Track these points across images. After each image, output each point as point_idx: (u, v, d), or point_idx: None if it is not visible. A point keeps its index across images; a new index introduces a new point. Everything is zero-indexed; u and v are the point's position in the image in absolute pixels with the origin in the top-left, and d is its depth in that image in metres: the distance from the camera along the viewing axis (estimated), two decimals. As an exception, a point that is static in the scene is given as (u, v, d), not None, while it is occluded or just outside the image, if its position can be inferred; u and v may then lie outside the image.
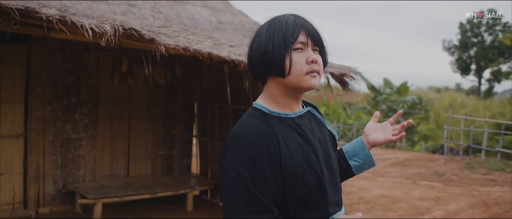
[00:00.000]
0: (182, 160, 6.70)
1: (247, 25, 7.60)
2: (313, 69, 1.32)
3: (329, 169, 1.38)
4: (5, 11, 2.74)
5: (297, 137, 1.33)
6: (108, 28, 2.99)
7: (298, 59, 1.31)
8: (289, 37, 1.30)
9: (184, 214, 5.72)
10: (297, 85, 1.33)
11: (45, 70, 5.34)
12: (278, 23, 1.33)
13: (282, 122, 1.33)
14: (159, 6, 6.61)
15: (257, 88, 5.36)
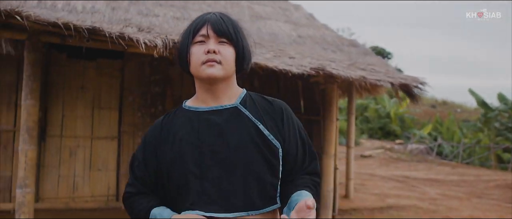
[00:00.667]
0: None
1: (329, 39, 7.72)
2: (209, 58, 1.38)
3: (219, 160, 1.37)
4: (78, 30, 3.36)
5: (189, 128, 1.41)
6: (159, 42, 3.47)
7: (196, 50, 1.40)
8: (192, 31, 1.42)
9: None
10: (197, 75, 1.42)
11: (136, 81, 6.10)
12: (192, 21, 1.47)
13: (186, 116, 1.44)
14: (241, 22, 7.06)
15: (329, 99, 5.45)
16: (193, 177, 1.36)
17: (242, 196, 1.36)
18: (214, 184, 1.35)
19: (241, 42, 1.47)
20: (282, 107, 1.50)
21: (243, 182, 1.36)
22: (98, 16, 5.76)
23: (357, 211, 6.89)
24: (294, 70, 4.06)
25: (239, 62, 1.48)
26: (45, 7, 5.70)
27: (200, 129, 1.40)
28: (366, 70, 4.82)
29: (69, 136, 5.82)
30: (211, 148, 1.37)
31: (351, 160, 7.70)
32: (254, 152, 1.38)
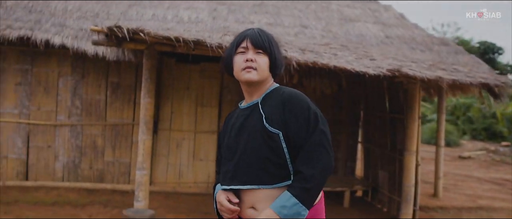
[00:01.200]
0: (347, 163, 7.41)
1: (419, 39, 7.83)
2: (247, 65, 1.76)
3: (236, 146, 1.80)
4: (186, 42, 4.11)
5: (230, 124, 1.89)
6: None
7: (237, 59, 1.79)
8: (235, 43, 1.82)
9: (339, 209, 6.43)
10: (239, 79, 1.82)
11: (233, 82, 6.80)
12: (237, 36, 1.85)
13: (238, 112, 1.89)
14: (330, 26, 7.51)
15: (411, 99, 5.66)
16: (225, 160, 1.84)
17: (253, 174, 1.73)
18: (235, 165, 1.78)
19: (274, 53, 1.81)
20: (285, 99, 1.77)
21: (253, 163, 1.74)
22: (201, 25, 6.59)
23: (443, 209, 6.96)
24: (371, 72, 4.44)
25: (272, 68, 1.82)
26: (158, 19, 6.67)
27: (235, 123, 1.84)
28: (446, 70, 4.99)
29: (176, 129, 6.73)
30: (236, 139, 1.80)
31: (440, 159, 7.73)
32: (259, 139, 1.74)
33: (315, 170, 1.69)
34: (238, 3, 7.58)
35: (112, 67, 6.36)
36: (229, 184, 1.79)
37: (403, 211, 5.58)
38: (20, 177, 6.38)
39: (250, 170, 1.74)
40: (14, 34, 5.69)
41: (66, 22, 6.25)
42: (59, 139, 6.42)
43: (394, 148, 6.22)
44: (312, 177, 1.68)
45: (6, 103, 6.29)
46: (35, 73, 6.32)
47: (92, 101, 6.44)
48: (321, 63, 4.41)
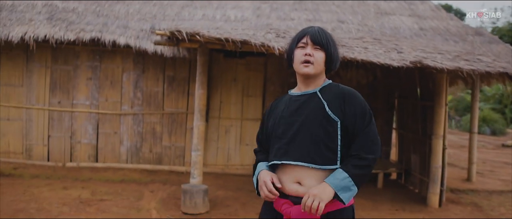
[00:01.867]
0: (382, 148, 7.94)
1: (454, 30, 8.20)
2: (305, 59, 1.96)
3: (289, 127, 1.97)
4: (234, 41, 4.84)
5: (284, 107, 2.06)
6: (276, 45, 4.78)
7: (297, 53, 2.00)
8: (296, 39, 2.02)
9: (373, 189, 7.01)
10: (297, 71, 2.03)
11: (276, 74, 7.53)
12: (298, 33, 2.06)
13: (287, 98, 2.10)
14: (366, 20, 8.02)
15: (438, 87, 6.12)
16: (276, 139, 2.01)
17: (305, 152, 1.92)
18: (288, 143, 1.96)
19: (331, 50, 2.01)
20: (345, 93, 1.99)
21: (308, 143, 1.92)
22: (246, 23, 7.31)
23: (474, 191, 7.35)
24: (395, 64, 4.99)
25: (328, 64, 2.02)
26: (208, 18, 7.45)
27: (289, 106, 2.04)
28: (469, 60, 5.43)
29: (224, 117, 7.52)
30: (291, 119, 1.99)
31: (474, 145, 8.09)
32: (317, 123, 1.92)
33: (369, 155, 1.91)
34: (279, 2, 8.24)
35: (168, 63, 7.22)
36: (280, 159, 1.97)
37: (431, 191, 6.10)
38: (91, 159, 7.38)
39: (304, 148, 1.92)
40: (87, 37, 6.63)
41: (128, 24, 7.15)
42: (123, 126, 7.37)
43: (425, 133, 6.71)
44: (366, 160, 1.89)
45: (79, 95, 7.29)
46: (103, 69, 7.28)
47: (151, 93, 7.33)
48: (349, 58, 5.01)
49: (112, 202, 5.56)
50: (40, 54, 7.11)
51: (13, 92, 7.20)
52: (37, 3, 7.37)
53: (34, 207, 5.17)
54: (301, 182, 1.94)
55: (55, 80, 7.22)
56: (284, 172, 1.98)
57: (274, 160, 2.00)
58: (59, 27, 6.78)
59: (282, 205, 1.97)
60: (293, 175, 1.95)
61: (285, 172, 1.98)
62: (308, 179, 1.92)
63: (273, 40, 5.13)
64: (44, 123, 7.24)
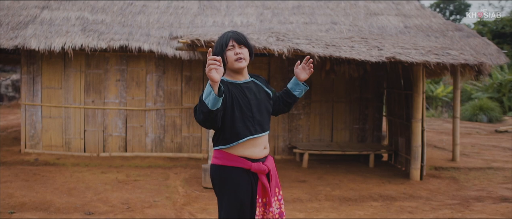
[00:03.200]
0: (373, 133, 9.05)
1: (435, 26, 9.26)
2: (237, 57, 2.47)
3: (257, 107, 2.53)
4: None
5: (239, 92, 2.50)
6: (285, 50, 5.89)
7: (229, 54, 2.48)
8: (224, 44, 2.49)
9: (365, 168, 8.10)
10: (232, 67, 2.50)
11: (278, 71, 8.65)
12: (220, 37, 2.54)
13: (232, 84, 2.50)
14: (356, 20, 9.10)
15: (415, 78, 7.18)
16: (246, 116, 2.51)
17: (266, 124, 2.63)
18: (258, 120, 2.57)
19: (250, 45, 2.57)
20: (263, 79, 2.76)
21: (266, 117, 2.63)
22: (251, 28, 8.44)
23: (455, 168, 8.38)
24: (373, 60, 6.09)
25: (250, 55, 2.57)
26: (217, 25, 8.59)
27: (245, 92, 2.53)
28: (438, 54, 6.50)
29: (235, 110, 8.65)
30: (251, 100, 2.53)
31: (457, 128, 9.13)
32: (267, 102, 2.66)
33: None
34: (280, 7, 9.35)
35: (185, 64, 8.38)
36: (260, 133, 2.57)
37: (412, 166, 7.19)
38: (121, 149, 8.56)
39: (265, 121, 2.63)
40: (116, 44, 7.81)
41: (150, 32, 8.31)
42: (148, 120, 8.54)
43: (408, 118, 7.79)
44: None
45: (110, 95, 8.47)
46: (129, 72, 8.46)
47: (171, 91, 8.50)
48: (336, 56, 6.11)
49: (144, 182, 6.73)
50: (76, 61, 8.31)
51: (54, 94, 8.41)
52: (71, 16, 8.56)
53: (83, 186, 6.36)
54: (266, 146, 2.65)
55: (88, 83, 8.41)
56: (255, 143, 2.57)
57: (255, 134, 2.54)
58: (92, 37, 7.96)
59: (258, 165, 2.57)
60: (262, 143, 2.61)
61: (256, 143, 2.57)
62: (267, 142, 2.68)
63: (274, 43, 6.25)
64: (80, 119, 8.44)
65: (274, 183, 2.67)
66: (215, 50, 2.56)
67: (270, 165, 2.65)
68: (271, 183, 2.62)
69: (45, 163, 7.80)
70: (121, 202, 5.58)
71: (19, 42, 7.74)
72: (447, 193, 6.55)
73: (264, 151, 2.64)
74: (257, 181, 2.59)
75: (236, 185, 2.54)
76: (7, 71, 24.02)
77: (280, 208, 2.68)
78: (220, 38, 2.57)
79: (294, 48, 6.06)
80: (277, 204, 2.67)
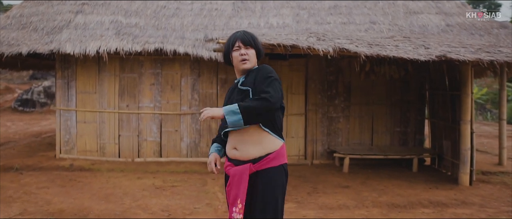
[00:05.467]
0: (415, 136, 8.66)
1: (479, 24, 8.84)
2: (243, 58, 2.57)
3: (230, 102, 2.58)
4: (285, 46, 5.73)
5: (230, 91, 2.72)
6: (331, 49, 5.62)
7: (235, 54, 2.60)
8: (230, 45, 2.62)
9: (408, 173, 7.73)
10: (238, 68, 2.64)
11: (316, 73, 8.37)
12: (228, 39, 2.66)
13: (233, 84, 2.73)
14: (396, 19, 8.76)
15: (464, 78, 6.80)
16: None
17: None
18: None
19: (258, 45, 2.66)
20: (258, 69, 2.59)
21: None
22: (288, 29, 8.21)
23: (504, 173, 7.92)
24: (422, 59, 5.76)
25: (258, 56, 2.66)
26: (253, 26, 8.39)
27: (232, 89, 2.72)
28: (490, 52, 6.11)
29: (271, 113, 8.41)
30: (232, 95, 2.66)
31: (503, 131, 8.67)
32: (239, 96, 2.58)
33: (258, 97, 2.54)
34: (316, 8, 9.09)
35: (220, 67, 8.19)
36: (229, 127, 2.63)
37: (461, 171, 6.80)
38: (156, 155, 8.42)
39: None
40: (151, 48, 7.68)
41: (184, 35, 8.16)
42: (183, 125, 8.38)
43: (454, 120, 7.40)
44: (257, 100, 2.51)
45: (144, 99, 8.36)
46: (164, 75, 8.32)
47: (206, 94, 8.32)
48: (383, 55, 5.80)
49: (182, 188, 6.55)
50: (110, 65, 8.23)
51: (88, 99, 8.34)
52: (104, 20, 8.50)
53: (120, 192, 6.21)
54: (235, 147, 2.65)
55: (123, 87, 8.31)
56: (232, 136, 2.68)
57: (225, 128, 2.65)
58: (126, 40, 7.86)
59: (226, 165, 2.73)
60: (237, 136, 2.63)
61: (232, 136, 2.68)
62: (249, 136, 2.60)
63: (316, 43, 6.00)
64: (115, 124, 8.35)
65: (233, 191, 2.55)
66: (224, 49, 2.72)
67: (233, 171, 2.57)
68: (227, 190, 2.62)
69: (80, 168, 7.72)
70: (161, 209, 5.40)
71: (54, 46, 7.69)
72: (501, 199, 6.16)
73: (234, 152, 2.62)
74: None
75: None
76: (38, 79, 24.43)
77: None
78: (229, 38, 2.68)
79: (340, 47, 5.78)
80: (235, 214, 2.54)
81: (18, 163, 7.84)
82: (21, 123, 15.72)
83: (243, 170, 2.52)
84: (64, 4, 9.00)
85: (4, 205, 5.39)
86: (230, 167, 2.62)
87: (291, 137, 8.41)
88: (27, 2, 9.21)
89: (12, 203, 5.49)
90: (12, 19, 8.63)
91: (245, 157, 2.56)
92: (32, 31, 8.26)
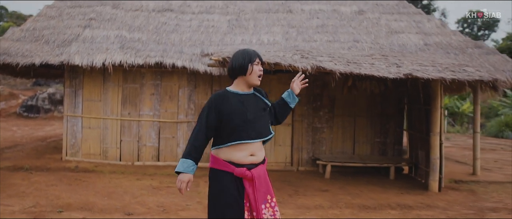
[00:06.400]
0: (394, 146, 9.37)
1: (455, 44, 9.59)
2: (260, 74, 2.87)
3: (256, 117, 2.82)
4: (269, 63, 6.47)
5: (238, 102, 2.82)
6: (309, 67, 6.36)
7: (255, 68, 2.85)
8: (252, 58, 2.85)
9: (386, 180, 8.42)
10: (252, 82, 2.85)
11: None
12: (247, 51, 2.89)
13: (234, 95, 2.86)
14: (378, 38, 9.51)
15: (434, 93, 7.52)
16: (244, 124, 2.80)
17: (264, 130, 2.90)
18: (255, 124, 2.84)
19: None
20: (264, 92, 3.03)
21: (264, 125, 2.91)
22: (277, 46, 8.96)
23: (475, 182, 8.58)
24: (391, 76, 6.49)
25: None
26: (246, 43, 9.15)
27: (244, 102, 2.85)
28: (454, 71, 6.84)
29: (261, 123, 9.14)
30: (250, 109, 2.84)
31: (477, 143, 9.36)
32: (264, 109, 2.93)
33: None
34: (305, 26, 9.86)
35: (215, 79, 8.94)
36: (246, 139, 2.81)
37: (431, 178, 7.49)
38: (154, 159, 9.13)
39: (258, 129, 2.87)
40: (152, 61, 8.44)
41: (183, 49, 8.93)
42: (179, 132, 9.10)
43: (427, 132, 8.10)
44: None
45: (145, 108, 9.10)
46: (163, 86, 9.06)
47: (201, 104, 9.05)
48: (356, 73, 6.54)
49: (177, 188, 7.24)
50: (114, 76, 8.98)
51: (93, 106, 9.09)
52: (110, 35, 9.27)
53: (121, 190, 6.92)
54: (254, 153, 2.85)
55: (125, 96, 9.06)
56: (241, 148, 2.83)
57: (240, 141, 2.81)
58: (129, 54, 8.62)
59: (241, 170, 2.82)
60: (250, 149, 2.85)
61: (241, 149, 2.83)
62: (258, 149, 2.89)
63: (298, 61, 6.74)
64: (117, 130, 9.08)
65: (264, 189, 2.85)
66: (240, 60, 2.88)
67: (257, 172, 2.83)
68: (258, 189, 2.80)
69: (84, 170, 8.43)
70: (156, 205, 6.10)
71: (64, 58, 8.45)
72: (464, 204, 6.82)
73: (251, 158, 2.84)
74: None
75: (220, 187, 2.83)
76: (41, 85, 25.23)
77: (274, 215, 2.87)
78: (245, 51, 2.93)
79: (317, 65, 6.53)
80: (270, 210, 2.86)
81: (28, 164, 8.56)
82: (27, 128, 16.46)
83: (264, 170, 2.93)
84: (73, 19, 9.78)
85: (18, 199, 6.10)
86: (243, 170, 2.82)
87: (278, 145, 9.13)
88: (39, 17, 10.00)
89: (25, 197, 6.21)
90: (25, 32, 9.41)
91: (260, 160, 2.91)
92: (44, 43, 9.02)
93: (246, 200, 2.82)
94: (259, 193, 2.80)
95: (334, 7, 10.56)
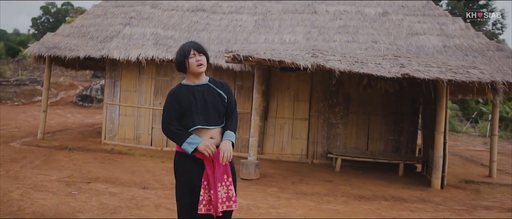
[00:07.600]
0: (408, 145, 9.69)
1: (476, 46, 9.72)
2: (199, 63, 3.00)
3: (204, 106, 3.03)
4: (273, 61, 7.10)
5: (189, 94, 3.03)
6: (309, 65, 6.93)
7: (192, 61, 3.00)
8: (186, 53, 3.00)
9: (394, 176, 8.80)
10: (194, 72, 3.01)
11: (320, 84, 9.65)
12: (183, 48, 3.03)
13: (186, 87, 3.06)
14: (397, 39, 9.84)
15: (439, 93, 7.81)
16: (198, 114, 3.03)
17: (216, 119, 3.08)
18: (207, 116, 3.05)
19: (207, 53, 3.13)
20: (223, 83, 3.19)
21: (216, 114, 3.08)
22: (297, 45, 9.55)
23: (486, 183, 8.75)
24: (388, 75, 6.92)
25: (208, 62, 3.11)
26: (268, 42, 9.80)
27: (194, 92, 3.06)
28: (456, 73, 7.12)
29: (280, 117, 9.78)
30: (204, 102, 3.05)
31: (494, 146, 9.48)
32: (219, 102, 3.09)
33: (235, 118, 3.21)
34: (327, 27, 10.36)
35: (237, 75, 9.67)
36: (207, 125, 3.05)
37: (434, 176, 7.82)
38: (182, 146, 10.00)
39: (215, 117, 3.09)
40: (180, 56, 9.28)
41: (210, 46, 9.72)
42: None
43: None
44: (235, 122, 3.21)
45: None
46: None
47: (225, 97, 9.81)
48: (355, 71, 7.02)
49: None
50: (148, 69, 9.95)
51: (129, 96, 10.11)
52: (146, 32, 10.25)
53: (144, 170, 7.83)
54: (213, 136, 3.07)
55: (157, 88, 10.01)
56: (199, 134, 3.05)
57: (197, 126, 3.03)
58: (161, 50, 9.54)
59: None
60: (208, 134, 3.07)
61: (200, 134, 3.05)
62: (217, 134, 3.09)
63: (303, 59, 7.31)
64: (149, 118, 10.05)
65: (221, 170, 3.05)
66: (178, 58, 3.10)
67: (216, 154, 3.03)
68: (216, 169, 3.02)
69: (119, 152, 9.46)
70: (170, 183, 6.94)
71: (104, 53, 9.51)
72: (460, 201, 7.09)
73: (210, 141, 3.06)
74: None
75: (184, 169, 3.09)
76: (99, 77, 27.14)
77: (227, 193, 3.05)
78: (182, 48, 3.11)
79: (318, 63, 7.09)
80: (224, 189, 3.05)
81: (71, 145, 9.72)
82: (79, 115, 18.04)
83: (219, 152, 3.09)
84: (116, 17, 10.86)
85: (57, 171, 7.16)
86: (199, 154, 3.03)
87: (295, 138, 9.73)
88: (88, 15, 11.18)
89: (63, 170, 7.26)
90: (74, 28, 10.59)
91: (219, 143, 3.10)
92: (89, 39, 10.15)
93: (204, 179, 3.03)
94: (217, 173, 3.02)
95: (358, 8, 10.96)
